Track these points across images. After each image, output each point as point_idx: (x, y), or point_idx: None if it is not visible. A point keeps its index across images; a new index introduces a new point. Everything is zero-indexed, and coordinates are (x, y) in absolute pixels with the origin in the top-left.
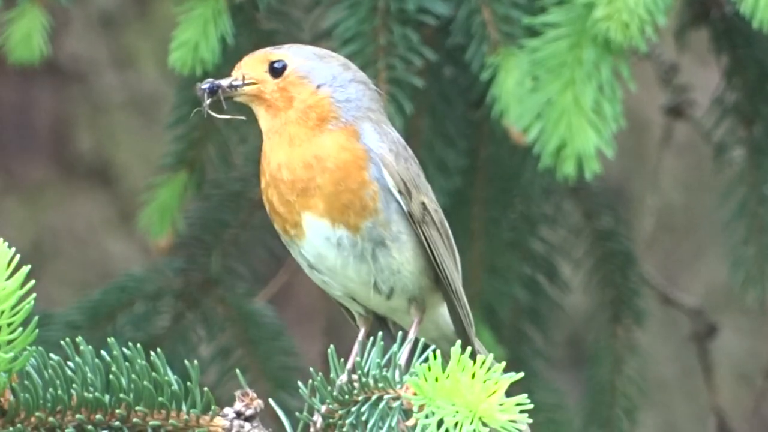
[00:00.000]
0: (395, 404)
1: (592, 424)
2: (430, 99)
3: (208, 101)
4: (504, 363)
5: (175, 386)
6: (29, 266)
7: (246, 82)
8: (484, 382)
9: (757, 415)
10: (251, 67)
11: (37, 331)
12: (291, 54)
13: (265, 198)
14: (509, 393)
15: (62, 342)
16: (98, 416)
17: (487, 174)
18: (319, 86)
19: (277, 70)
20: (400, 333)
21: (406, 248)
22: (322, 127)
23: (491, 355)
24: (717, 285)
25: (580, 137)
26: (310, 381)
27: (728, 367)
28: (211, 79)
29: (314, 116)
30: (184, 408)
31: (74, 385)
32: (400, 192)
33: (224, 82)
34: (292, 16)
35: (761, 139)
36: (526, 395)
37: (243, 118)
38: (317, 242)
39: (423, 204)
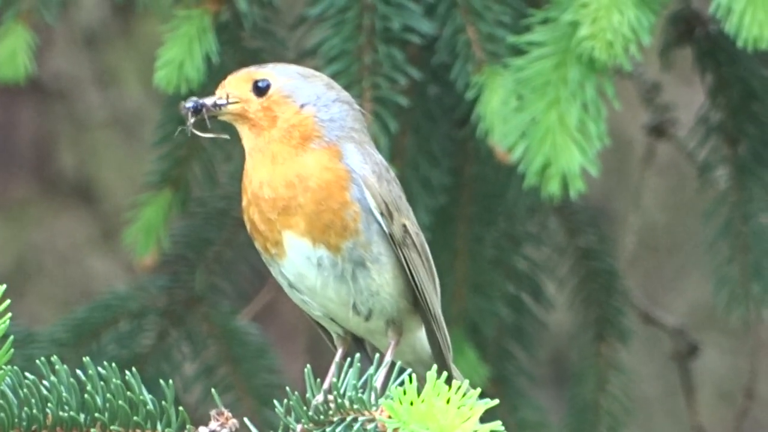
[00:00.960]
0: (370, 426)
1: None
2: (415, 118)
3: (192, 120)
4: (479, 389)
5: (150, 405)
6: (4, 285)
7: (230, 101)
8: (459, 407)
9: None
10: (235, 86)
11: (12, 350)
12: (275, 73)
13: (246, 216)
14: (492, 413)
15: (38, 361)
16: None
17: (471, 192)
18: (302, 105)
19: (261, 89)
20: (377, 356)
21: (385, 270)
22: (305, 146)
23: (467, 381)
24: (699, 304)
25: (565, 156)
26: (286, 400)
27: (710, 386)
28: (195, 98)
29: (297, 135)
30: (159, 427)
31: (49, 404)
32: (381, 213)
33: (208, 101)
34: (277, 34)
35: (746, 159)
36: (500, 422)
37: (227, 136)
38: (298, 261)
39: (404, 226)
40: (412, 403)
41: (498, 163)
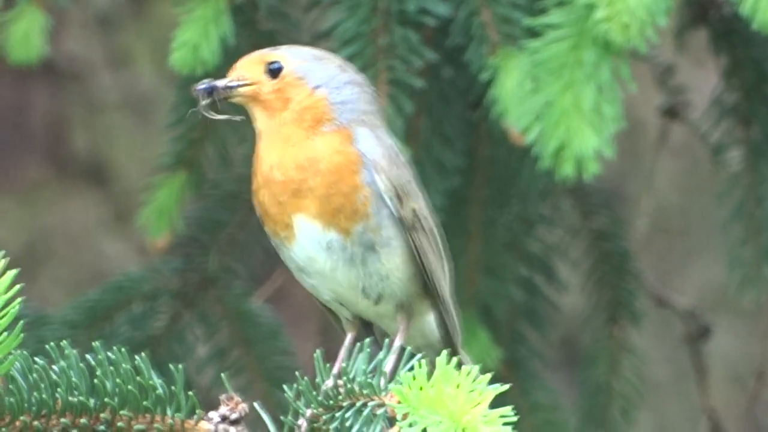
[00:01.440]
0: (379, 411)
1: (589, 425)
2: (430, 100)
3: (204, 102)
4: (489, 374)
5: (159, 390)
6: (17, 270)
7: (243, 82)
8: (469, 392)
9: (750, 416)
10: (248, 68)
11: (22, 335)
12: (288, 55)
13: (256, 199)
14: (504, 396)
15: (47, 346)
16: (83, 420)
17: (485, 174)
18: (315, 88)
19: (273, 71)
20: (386, 340)
21: (395, 254)
22: (317, 129)
23: (477, 366)
24: (711, 286)
25: (580, 138)
26: (295, 385)
27: (722, 369)
28: (207, 80)
29: (309, 118)
30: (169, 412)
31: (59, 389)
32: (391, 197)
33: (220, 83)
34: (292, 16)
35: (759, 140)
36: (511, 408)
37: (239, 118)
38: (307, 245)
39: (414, 210)
40: (421, 389)
41: (512, 145)
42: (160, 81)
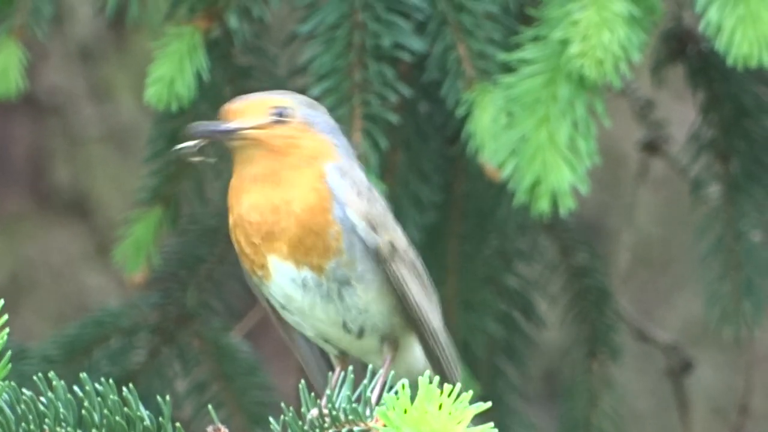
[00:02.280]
0: None
1: None
2: (406, 135)
3: (200, 143)
4: (471, 392)
5: (147, 421)
6: (1, 300)
7: (250, 125)
8: (451, 411)
9: None
10: (254, 112)
11: (9, 365)
12: (293, 101)
13: (233, 237)
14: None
15: (35, 377)
16: None
17: (462, 209)
18: (321, 133)
19: (281, 116)
20: (370, 366)
21: (372, 287)
22: (302, 169)
23: (459, 385)
24: (694, 319)
25: (555, 174)
26: (282, 416)
27: (705, 401)
28: (205, 122)
29: (314, 159)
30: None
31: (47, 420)
32: (364, 230)
33: (232, 126)
34: (268, 51)
35: (738, 175)
36: (492, 424)
37: (213, 160)
38: (283, 283)
39: (391, 242)
40: (405, 411)
41: (488, 180)
42: (141, 113)
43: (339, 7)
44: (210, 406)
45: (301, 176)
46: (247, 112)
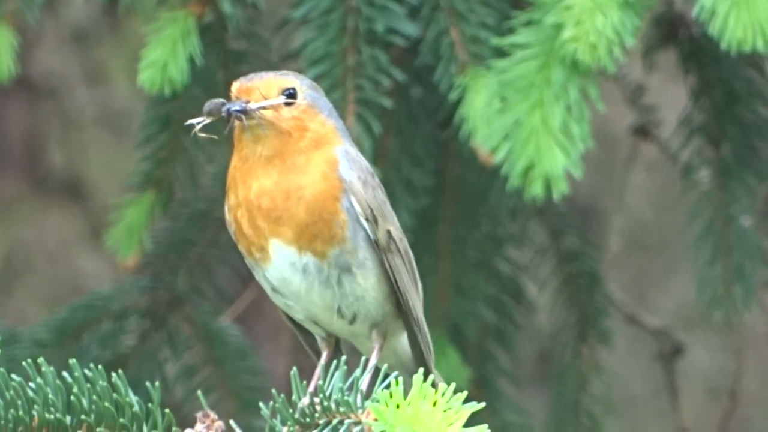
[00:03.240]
0: (356, 429)
1: None
2: (398, 119)
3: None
4: (465, 392)
5: (136, 407)
6: None
7: (264, 104)
8: (445, 410)
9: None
10: (267, 92)
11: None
12: (299, 82)
13: (231, 217)
14: (473, 417)
15: (24, 363)
16: None
17: (454, 194)
18: (326, 116)
19: (289, 97)
20: (362, 358)
21: (371, 275)
22: (313, 154)
23: (453, 384)
24: (688, 301)
25: (548, 158)
26: (272, 402)
27: (700, 384)
28: (222, 100)
29: (322, 144)
30: (145, 429)
31: (36, 406)
32: (367, 220)
33: (252, 105)
34: (261, 36)
35: (728, 160)
36: (486, 426)
37: (216, 137)
38: (282, 267)
39: (389, 232)
40: (398, 406)
41: (481, 164)
42: (136, 96)
43: None
44: (199, 392)
45: (311, 162)
46: (260, 90)
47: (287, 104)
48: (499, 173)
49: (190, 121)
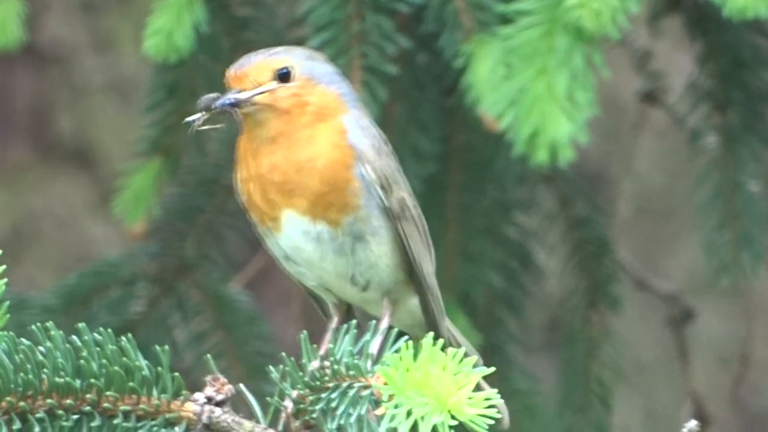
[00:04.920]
0: (365, 393)
1: (567, 410)
2: (404, 86)
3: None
4: (476, 357)
5: (145, 371)
6: (1, 251)
7: (259, 91)
8: (455, 375)
9: (735, 398)
10: (258, 76)
11: (8, 315)
12: (291, 58)
13: (243, 188)
14: (486, 383)
15: (33, 327)
16: (69, 401)
17: (461, 160)
18: (327, 85)
19: (283, 76)
20: (372, 322)
21: (384, 242)
22: (319, 125)
23: (463, 348)
24: (698, 267)
25: (554, 125)
26: (282, 366)
27: (710, 350)
28: (215, 94)
29: (326, 114)
30: (154, 393)
31: (45, 370)
32: (381, 187)
33: (244, 96)
34: (266, 2)
35: (735, 126)
36: (496, 390)
37: (221, 126)
38: (295, 236)
39: (402, 199)
40: (407, 370)
41: (487, 131)
42: (143, 64)
43: None
44: (209, 356)
45: (319, 133)
46: (250, 76)
47: (284, 83)
48: (505, 140)
49: (187, 119)
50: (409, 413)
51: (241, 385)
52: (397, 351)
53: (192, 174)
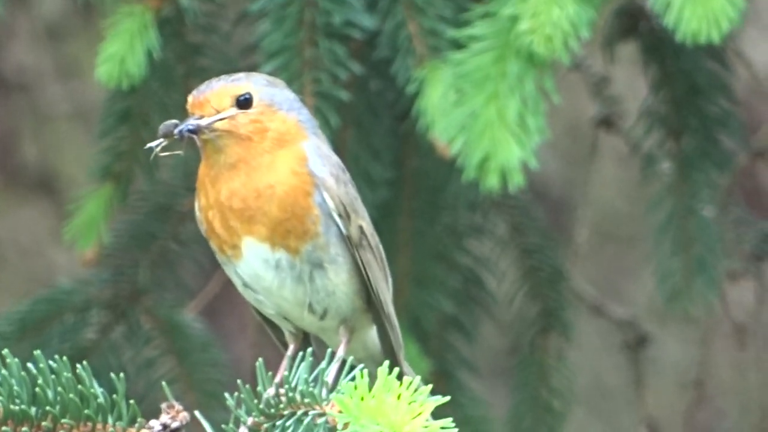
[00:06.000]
0: (320, 421)
1: None
2: (357, 112)
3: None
4: (430, 386)
5: (101, 399)
6: None
7: (218, 118)
8: (410, 403)
9: (691, 423)
10: (218, 103)
11: None
12: (252, 84)
13: (203, 217)
14: (438, 410)
15: None
16: (24, 428)
17: (413, 186)
18: (287, 112)
19: (244, 103)
20: (328, 350)
21: (342, 270)
22: (279, 151)
23: (418, 377)
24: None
25: (504, 150)
26: (237, 393)
27: (671, 375)
28: (175, 121)
29: (286, 141)
30: (110, 420)
31: (0, 398)
32: (339, 215)
33: (204, 122)
34: (220, 29)
35: (690, 151)
36: (450, 419)
37: (180, 152)
38: (255, 263)
39: (361, 227)
40: (362, 398)
41: (439, 157)
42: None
43: None
44: (164, 383)
45: (279, 159)
46: (211, 102)
47: (244, 110)
48: (457, 166)
49: (149, 145)
50: None
51: (197, 412)
52: (352, 379)
53: (145, 200)
